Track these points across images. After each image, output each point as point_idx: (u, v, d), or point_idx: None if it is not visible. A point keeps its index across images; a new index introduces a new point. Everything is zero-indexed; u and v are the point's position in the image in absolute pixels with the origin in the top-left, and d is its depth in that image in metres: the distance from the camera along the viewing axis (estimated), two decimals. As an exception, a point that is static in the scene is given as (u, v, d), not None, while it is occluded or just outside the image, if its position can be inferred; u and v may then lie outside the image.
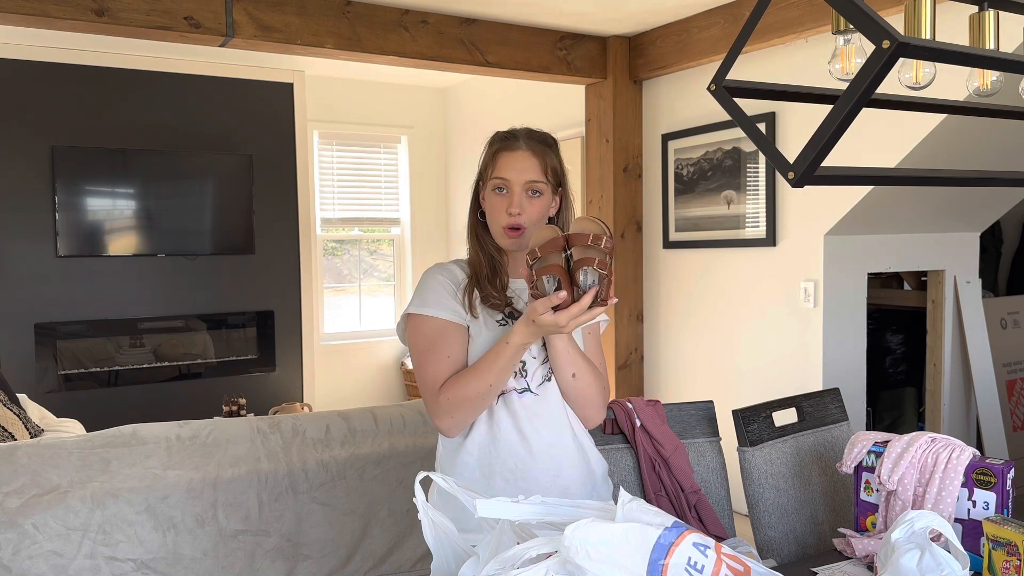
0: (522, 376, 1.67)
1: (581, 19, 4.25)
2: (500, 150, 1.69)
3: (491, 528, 1.25)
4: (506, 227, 1.66)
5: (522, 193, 1.66)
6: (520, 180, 1.66)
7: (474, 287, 1.69)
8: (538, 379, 1.68)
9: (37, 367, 4.88)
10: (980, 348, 4.33)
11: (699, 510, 1.98)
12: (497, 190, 1.68)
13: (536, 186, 1.67)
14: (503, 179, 1.67)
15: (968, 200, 4.03)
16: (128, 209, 5.08)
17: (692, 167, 4.42)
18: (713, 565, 1.07)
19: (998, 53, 1.20)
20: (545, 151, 1.69)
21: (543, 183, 1.68)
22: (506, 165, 1.67)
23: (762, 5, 1.25)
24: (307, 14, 3.76)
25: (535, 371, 1.69)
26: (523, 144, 1.68)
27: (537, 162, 1.67)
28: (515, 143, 1.68)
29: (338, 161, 6.09)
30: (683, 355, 4.58)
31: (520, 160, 1.66)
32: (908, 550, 1.31)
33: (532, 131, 1.73)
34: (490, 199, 1.69)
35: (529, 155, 1.67)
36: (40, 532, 2.14)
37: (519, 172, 1.66)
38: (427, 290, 1.70)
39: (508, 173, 1.66)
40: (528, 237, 1.66)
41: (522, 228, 1.66)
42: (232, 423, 2.54)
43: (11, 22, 3.32)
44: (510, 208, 1.65)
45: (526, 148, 1.67)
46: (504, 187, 1.67)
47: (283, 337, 5.59)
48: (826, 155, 1.10)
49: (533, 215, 1.67)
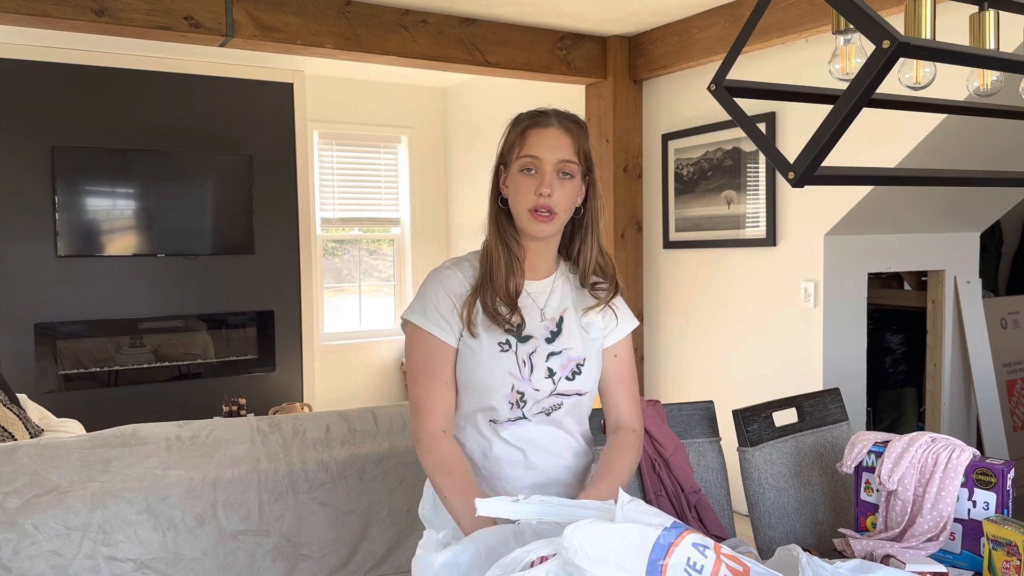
0: (519, 407, 1.54)
1: (581, 19, 4.25)
2: (529, 127, 1.55)
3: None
4: (535, 208, 1.51)
5: (553, 173, 1.51)
6: (552, 159, 1.52)
7: (478, 296, 1.54)
8: (536, 410, 1.55)
9: (37, 367, 4.88)
10: (980, 348, 4.33)
11: (699, 510, 1.98)
12: (526, 171, 1.52)
13: (569, 167, 1.53)
14: (534, 157, 1.52)
15: (968, 200, 4.03)
16: (128, 209, 5.08)
17: (692, 167, 4.42)
18: (712, 565, 1.07)
19: (998, 53, 1.20)
20: (578, 131, 1.56)
21: (576, 164, 1.54)
22: (537, 143, 1.52)
23: (762, 5, 1.25)
24: (307, 14, 3.76)
25: (534, 404, 1.54)
26: (555, 122, 1.55)
27: (571, 140, 1.54)
28: (547, 120, 1.55)
29: (338, 161, 6.09)
30: (683, 355, 4.58)
31: (552, 137, 1.52)
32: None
33: (561, 111, 1.59)
34: (516, 181, 1.53)
35: (562, 132, 1.53)
36: (40, 532, 2.14)
37: (551, 150, 1.52)
38: (427, 301, 1.56)
39: (539, 151, 1.52)
40: (557, 226, 1.54)
41: (553, 213, 1.51)
42: (232, 423, 2.54)
43: (11, 22, 3.32)
44: (541, 188, 1.50)
45: (558, 126, 1.54)
46: (534, 167, 1.52)
47: (283, 337, 5.59)
48: (826, 155, 1.10)
49: (563, 200, 1.53)
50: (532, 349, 1.54)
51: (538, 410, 1.55)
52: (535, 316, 1.57)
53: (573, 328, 1.58)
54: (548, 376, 1.54)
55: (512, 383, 1.52)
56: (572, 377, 1.55)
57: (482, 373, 1.52)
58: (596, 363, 1.59)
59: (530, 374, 1.53)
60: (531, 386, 1.53)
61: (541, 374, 1.53)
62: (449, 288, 1.57)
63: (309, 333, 5.68)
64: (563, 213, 1.53)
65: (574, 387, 1.56)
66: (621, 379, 1.63)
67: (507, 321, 1.53)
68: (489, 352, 1.52)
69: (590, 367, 1.57)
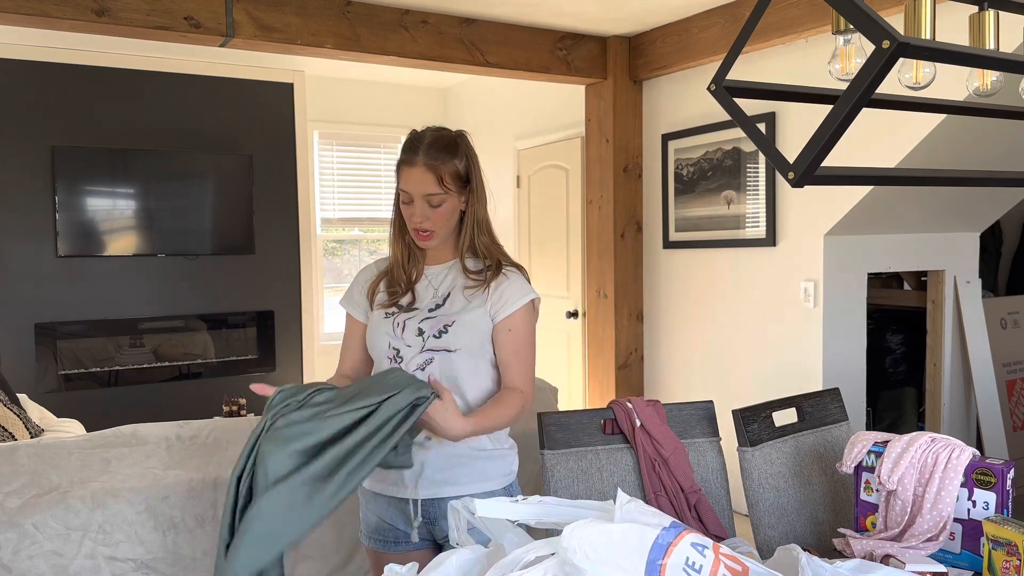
0: (396, 361, 1.84)
1: (581, 19, 4.25)
2: (401, 163, 1.83)
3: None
4: (415, 230, 1.84)
5: (424, 204, 1.81)
6: (420, 193, 1.80)
7: (383, 278, 1.92)
8: (412, 366, 1.82)
9: (37, 367, 4.88)
10: (980, 348, 4.33)
11: (699, 510, 1.98)
12: (403, 202, 1.84)
13: (433, 199, 1.80)
14: (406, 191, 1.82)
15: (968, 200, 4.03)
16: (128, 209, 5.08)
17: (692, 167, 4.42)
18: (711, 565, 1.07)
19: (998, 53, 1.20)
20: (442, 161, 1.80)
21: (441, 194, 1.80)
22: (406, 179, 1.81)
23: (762, 5, 1.25)
24: (307, 14, 3.76)
25: (410, 360, 1.83)
26: (421, 159, 1.79)
27: (432, 176, 1.79)
28: (413, 159, 1.80)
29: (338, 161, 6.09)
30: (683, 355, 4.58)
31: (417, 175, 1.79)
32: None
33: (437, 136, 1.83)
34: (402, 207, 1.86)
35: (423, 170, 1.79)
36: (40, 532, 2.14)
37: (417, 185, 1.80)
38: (350, 289, 2.00)
39: (408, 187, 1.81)
40: (440, 238, 1.85)
41: (431, 231, 1.82)
42: (232, 423, 2.54)
43: (11, 22, 3.32)
44: (414, 217, 1.82)
45: (423, 163, 1.79)
46: (408, 199, 1.82)
47: (283, 337, 5.59)
48: (826, 155, 1.10)
49: (439, 220, 1.82)
50: (411, 316, 1.86)
51: (414, 367, 1.82)
52: (429, 293, 1.89)
53: (458, 302, 1.86)
54: (418, 335, 1.83)
55: (388, 341, 1.85)
56: (439, 335, 1.83)
57: (372, 336, 1.89)
58: (470, 327, 1.83)
59: (402, 333, 1.85)
60: (403, 343, 1.84)
61: (412, 333, 1.84)
62: (363, 277, 1.98)
63: (309, 333, 5.68)
64: (441, 229, 1.84)
65: (442, 343, 1.82)
66: (516, 351, 1.86)
67: (399, 297, 1.89)
68: (377, 320, 1.89)
69: (458, 328, 1.82)
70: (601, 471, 1.98)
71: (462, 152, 1.84)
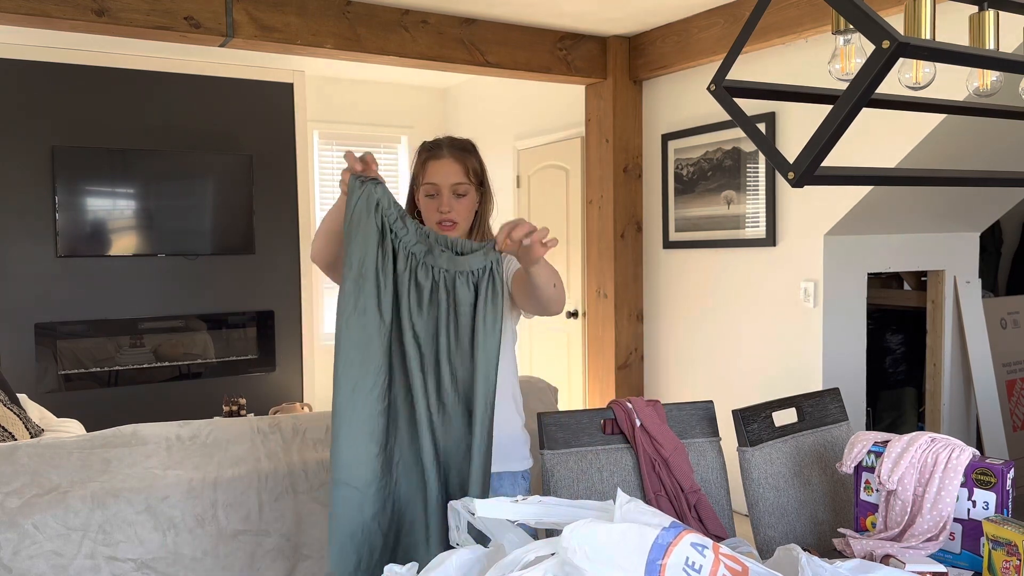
0: None
1: (581, 19, 4.25)
2: (428, 159, 1.97)
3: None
4: (440, 221, 1.94)
5: (450, 195, 1.95)
6: (447, 183, 1.94)
7: None
8: None
9: (37, 367, 4.88)
10: (980, 348, 4.33)
11: (699, 510, 1.98)
12: (428, 196, 1.96)
13: (460, 188, 1.96)
14: (433, 184, 1.95)
15: (968, 200, 4.02)
16: (128, 209, 5.08)
17: (692, 167, 4.42)
18: (711, 565, 1.07)
19: (998, 53, 1.20)
20: (466, 156, 1.98)
21: (466, 184, 1.97)
22: (433, 171, 1.95)
23: (762, 5, 1.25)
24: (307, 14, 3.76)
25: None
26: (447, 152, 1.96)
27: (460, 167, 1.96)
28: (440, 152, 1.96)
29: (338, 161, 6.09)
30: (683, 355, 4.58)
31: (445, 166, 1.95)
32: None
33: (454, 139, 2.02)
34: (424, 204, 1.97)
35: (452, 161, 1.95)
36: (40, 532, 2.14)
37: (445, 176, 1.94)
38: None
39: (436, 178, 1.94)
40: (461, 231, 1.97)
41: (455, 222, 1.95)
42: (232, 423, 2.54)
43: (11, 22, 3.32)
44: (441, 207, 1.94)
45: (449, 155, 1.96)
46: (434, 192, 1.95)
47: (283, 337, 5.59)
48: (826, 155, 1.10)
49: (462, 211, 1.96)
50: None
51: None
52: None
53: None
54: None
55: None
56: None
57: None
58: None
59: None
60: None
61: None
62: None
63: (309, 333, 5.68)
64: (463, 221, 1.97)
65: None
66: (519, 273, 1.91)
67: None
68: None
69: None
70: (601, 471, 1.98)
71: (477, 155, 2.03)
